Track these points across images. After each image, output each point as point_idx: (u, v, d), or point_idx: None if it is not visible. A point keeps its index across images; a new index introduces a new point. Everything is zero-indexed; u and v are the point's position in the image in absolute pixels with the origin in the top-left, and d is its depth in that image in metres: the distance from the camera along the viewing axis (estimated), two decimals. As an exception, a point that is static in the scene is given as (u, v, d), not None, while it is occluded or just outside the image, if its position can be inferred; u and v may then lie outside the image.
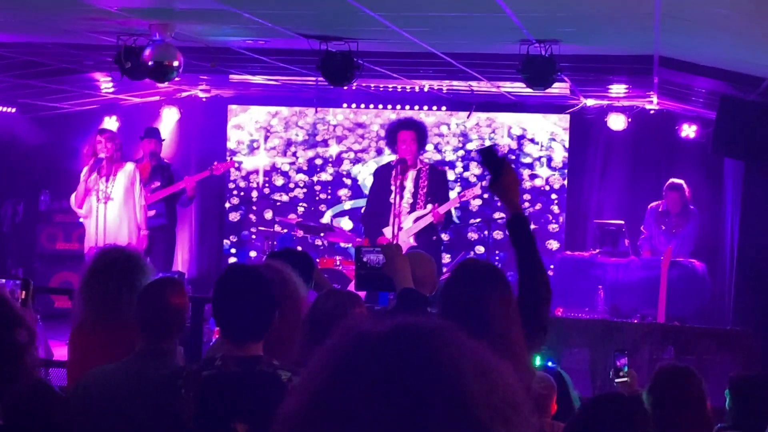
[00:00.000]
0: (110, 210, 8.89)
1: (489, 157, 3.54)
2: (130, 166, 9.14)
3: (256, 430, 3.06)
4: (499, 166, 3.51)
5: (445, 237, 11.52)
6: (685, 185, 10.16)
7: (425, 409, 1.17)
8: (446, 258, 11.20)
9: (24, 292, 3.85)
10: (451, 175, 11.86)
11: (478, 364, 1.24)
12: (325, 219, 12.04)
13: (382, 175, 9.24)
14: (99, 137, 9.11)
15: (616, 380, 5.08)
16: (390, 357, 1.21)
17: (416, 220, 8.89)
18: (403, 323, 1.27)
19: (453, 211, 9.63)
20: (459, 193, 9.73)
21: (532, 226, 11.71)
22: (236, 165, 12.09)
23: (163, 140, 10.59)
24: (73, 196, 9.10)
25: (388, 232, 8.84)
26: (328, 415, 1.20)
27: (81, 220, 9.21)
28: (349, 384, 1.21)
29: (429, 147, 11.98)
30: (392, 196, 8.90)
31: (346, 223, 12.07)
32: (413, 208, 8.91)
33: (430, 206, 8.88)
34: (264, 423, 3.06)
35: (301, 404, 1.25)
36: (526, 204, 11.86)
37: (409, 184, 8.94)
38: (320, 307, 3.67)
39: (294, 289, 3.80)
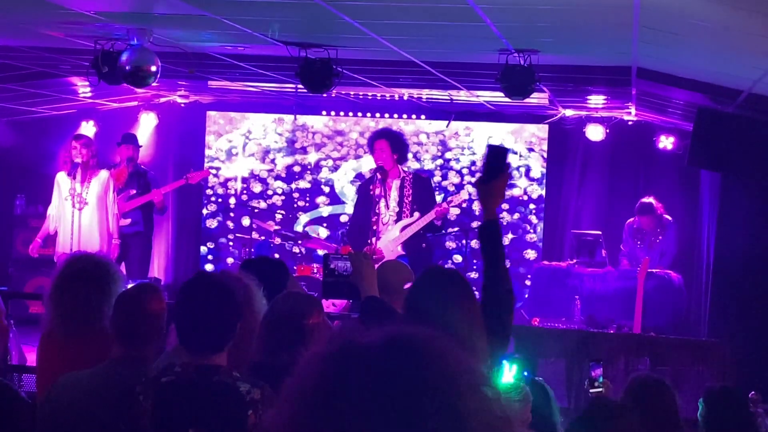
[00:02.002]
0: (84, 216, 8.85)
1: (496, 156, 3.44)
2: (104, 174, 9.11)
3: None
4: (499, 170, 3.43)
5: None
6: (655, 203, 10.15)
7: (419, 422, 1.16)
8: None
9: None
10: (429, 184, 11.83)
11: (471, 378, 1.23)
12: (300, 225, 12.01)
13: (365, 188, 9.25)
14: (74, 143, 9.08)
15: (591, 390, 5.08)
16: (384, 368, 1.19)
17: (403, 228, 8.88)
18: (397, 334, 1.25)
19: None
20: (446, 199, 9.72)
21: (510, 236, 11.65)
22: (211, 174, 12.06)
23: (141, 146, 10.54)
24: (51, 208, 9.14)
25: (375, 242, 8.83)
26: (319, 427, 1.18)
27: (52, 228, 9.15)
28: (342, 396, 1.18)
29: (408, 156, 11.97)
30: (377, 206, 8.89)
31: (322, 231, 12.05)
32: (399, 216, 8.91)
33: (417, 214, 8.88)
34: (218, 432, 3.05)
35: (290, 415, 1.22)
36: (504, 214, 11.87)
37: (393, 193, 8.94)
38: (277, 309, 3.63)
39: (254, 298, 3.77)
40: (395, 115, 11.96)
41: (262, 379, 3.19)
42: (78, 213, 8.86)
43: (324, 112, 12.16)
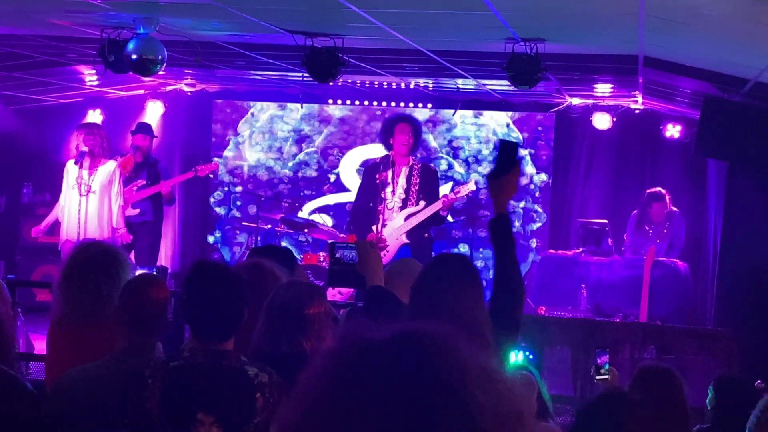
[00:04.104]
0: (90, 204, 8.88)
1: (506, 150, 3.47)
2: (111, 165, 9.10)
3: (220, 422, 3.07)
4: (510, 165, 3.44)
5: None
6: (665, 193, 10.11)
7: (429, 419, 1.16)
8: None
9: None
10: (435, 173, 11.84)
11: (482, 373, 1.22)
12: (304, 212, 12.01)
13: (370, 174, 9.21)
14: (76, 132, 9.10)
15: (597, 377, 5.11)
16: (393, 365, 1.19)
17: (408, 217, 8.84)
18: (407, 330, 1.25)
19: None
20: (453, 188, 9.68)
21: (517, 223, 11.57)
22: (219, 167, 12.07)
23: (156, 137, 10.53)
24: (61, 197, 9.13)
25: (376, 229, 8.82)
26: (331, 424, 1.18)
27: (60, 216, 9.14)
28: (352, 392, 1.19)
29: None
30: (383, 192, 8.87)
31: (328, 220, 12.06)
32: (405, 205, 8.88)
33: (422, 203, 8.85)
34: (228, 415, 3.09)
35: (302, 412, 1.23)
36: (511, 202, 11.86)
37: (401, 181, 8.89)
38: (277, 298, 3.65)
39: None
40: (402, 104, 11.95)
41: None
42: (85, 201, 8.88)
43: (330, 101, 12.15)
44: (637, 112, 11.23)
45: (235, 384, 3.11)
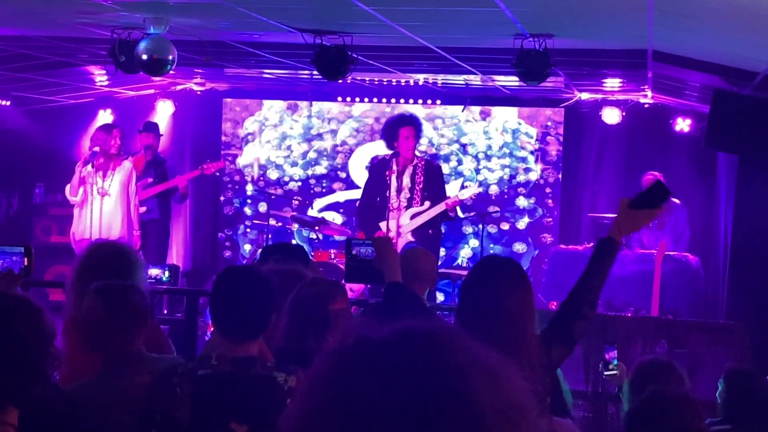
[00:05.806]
0: (106, 205, 8.92)
1: (657, 192, 3.50)
2: (127, 164, 9.18)
3: (253, 430, 3.07)
4: (650, 205, 3.47)
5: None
6: (661, 178, 10.11)
7: (430, 418, 1.15)
8: (441, 251, 11.19)
9: (27, 259, 3.93)
10: (446, 169, 11.85)
11: (485, 370, 1.21)
12: (314, 210, 12.04)
13: (379, 171, 9.24)
14: (115, 131, 9.14)
15: (606, 373, 5.12)
16: (393, 364, 1.19)
17: (413, 216, 8.89)
18: (407, 328, 1.24)
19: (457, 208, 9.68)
20: (462, 186, 9.72)
21: (526, 220, 11.57)
22: (226, 165, 12.09)
23: (162, 135, 10.58)
24: (67, 187, 9.12)
25: (384, 226, 8.85)
26: (331, 423, 1.18)
27: (75, 209, 9.16)
28: (351, 391, 1.18)
29: (423, 140, 11.98)
30: (388, 191, 8.91)
31: (338, 217, 12.08)
32: (410, 203, 8.91)
33: (428, 203, 8.88)
34: (262, 424, 3.09)
35: (303, 411, 1.23)
36: (521, 198, 11.88)
37: (406, 180, 8.94)
38: (301, 296, 3.67)
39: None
40: (411, 100, 11.96)
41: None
42: (99, 201, 8.92)
43: (339, 98, 12.17)
44: (646, 106, 11.22)
45: (266, 392, 3.10)
